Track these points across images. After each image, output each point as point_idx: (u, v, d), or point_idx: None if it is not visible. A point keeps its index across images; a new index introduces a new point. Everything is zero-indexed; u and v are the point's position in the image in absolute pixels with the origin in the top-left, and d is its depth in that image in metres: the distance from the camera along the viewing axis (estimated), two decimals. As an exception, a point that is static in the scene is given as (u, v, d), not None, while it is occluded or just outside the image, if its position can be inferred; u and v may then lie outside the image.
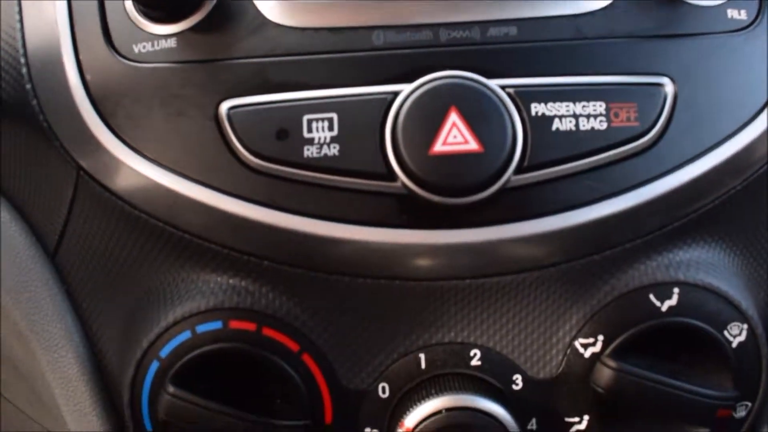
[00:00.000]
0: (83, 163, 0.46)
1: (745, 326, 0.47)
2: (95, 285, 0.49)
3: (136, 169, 0.44)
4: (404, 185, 0.42)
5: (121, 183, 0.45)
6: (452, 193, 0.42)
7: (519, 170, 0.42)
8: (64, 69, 0.46)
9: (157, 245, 0.46)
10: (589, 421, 0.47)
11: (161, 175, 0.44)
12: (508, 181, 0.42)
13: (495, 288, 0.45)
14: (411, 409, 0.45)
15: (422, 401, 0.45)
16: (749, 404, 0.48)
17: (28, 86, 0.46)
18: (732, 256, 0.48)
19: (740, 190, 0.46)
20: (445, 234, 0.43)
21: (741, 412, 0.48)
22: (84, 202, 0.47)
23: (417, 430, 0.45)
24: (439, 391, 0.45)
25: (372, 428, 0.47)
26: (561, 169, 0.43)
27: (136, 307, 0.48)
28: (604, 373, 0.46)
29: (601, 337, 0.46)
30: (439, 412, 0.44)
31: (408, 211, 0.43)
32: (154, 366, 0.46)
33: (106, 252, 0.48)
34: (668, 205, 0.44)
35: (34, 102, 0.46)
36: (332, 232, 0.43)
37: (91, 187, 0.46)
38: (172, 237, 0.45)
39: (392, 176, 0.42)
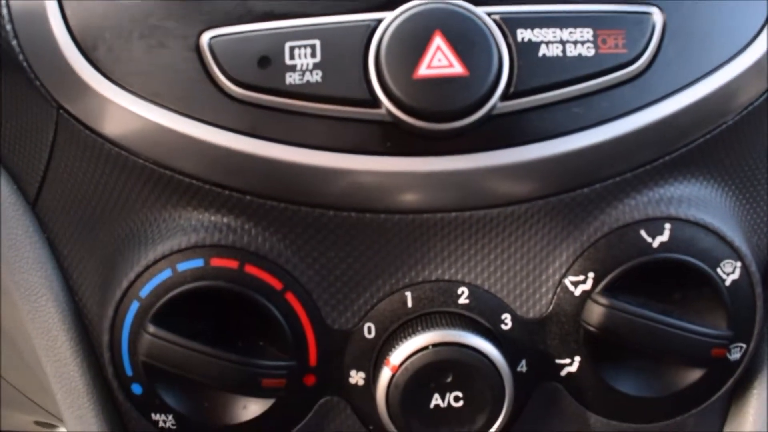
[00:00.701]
0: (63, 102, 0.45)
1: (739, 264, 0.46)
2: (75, 231, 0.48)
3: (117, 101, 0.43)
4: (388, 111, 0.41)
5: (102, 118, 0.44)
6: (437, 118, 0.41)
7: (505, 96, 0.42)
8: (45, 6, 0.45)
9: (138, 184, 0.45)
10: (580, 362, 0.46)
11: (141, 107, 0.43)
12: (494, 107, 0.41)
13: (482, 222, 0.44)
14: (397, 347, 0.44)
15: (408, 338, 0.44)
16: (744, 346, 0.47)
17: (9, 27, 0.46)
18: (725, 195, 0.47)
19: (732, 126, 0.45)
20: (430, 161, 0.42)
21: (736, 354, 0.47)
22: (64, 144, 0.46)
23: (403, 366, 0.43)
24: (426, 327, 0.44)
25: (357, 371, 0.46)
26: (548, 95, 0.42)
27: (116, 251, 0.47)
28: (595, 311, 0.44)
29: (591, 275, 0.45)
30: (425, 347, 0.43)
31: (392, 138, 0.42)
32: (134, 306, 0.45)
33: (87, 195, 0.47)
34: (658, 135, 0.43)
35: (15, 42, 0.45)
36: (314, 160, 0.42)
37: (71, 127, 0.45)
38: (153, 174, 0.44)
39: (376, 102, 0.41)
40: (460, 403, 0.44)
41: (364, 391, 0.46)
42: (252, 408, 0.46)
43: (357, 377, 0.46)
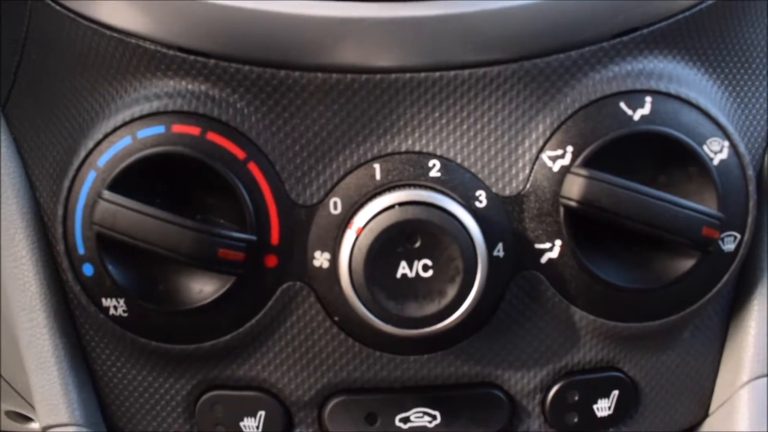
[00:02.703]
0: None
1: (726, 143, 0.43)
2: (41, 125, 0.46)
3: None
4: None
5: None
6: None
7: None
8: None
9: (106, 57, 0.44)
10: (561, 247, 0.43)
11: None
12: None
13: (453, 85, 0.42)
14: (361, 211, 0.41)
15: (374, 201, 0.41)
16: (738, 235, 0.44)
17: None
18: (712, 81, 0.45)
19: (712, 7, 0.44)
20: (396, 6, 0.40)
21: (729, 245, 0.44)
22: (36, 33, 0.46)
23: (367, 227, 0.41)
24: (393, 191, 0.41)
25: (322, 251, 0.43)
26: None
27: (80, 135, 0.45)
28: (575, 183, 0.42)
29: (570, 149, 0.43)
30: (391, 206, 0.41)
31: None
32: (91, 176, 0.43)
33: (54, 84, 0.46)
34: None
35: None
36: (279, 7, 0.41)
37: (43, 10, 0.45)
38: (120, 45, 0.43)
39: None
40: (429, 273, 0.41)
41: (329, 275, 0.43)
42: (208, 291, 0.43)
43: (321, 259, 0.43)
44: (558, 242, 0.43)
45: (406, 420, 0.45)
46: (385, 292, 0.41)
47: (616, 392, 0.46)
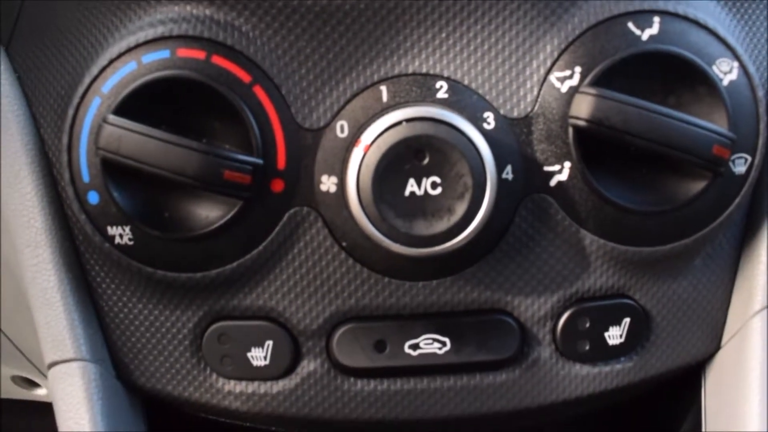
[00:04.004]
0: None
1: (736, 64, 0.43)
2: (44, 60, 0.46)
3: None
4: None
5: None
6: None
7: None
8: None
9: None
10: (570, 169, 0.43)
11: None
12: None
13: (460, 4, 0.42)
14: (368, 128, 0.41)
15: (381, 118, 0.41)
16: (749, 158, 0.43)
17: None
18: (719, 5, 0.45)
19: None
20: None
21: (740, 167, 0.43)
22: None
23: (374, 144, 0.40)
24: (400, 108, 0.41)
25: (329, 175, 0.43)
26: None
27: (84, 68, 0.45)
28: (584, 102, 0.41)
29: (578, 69, 0.42)
30: (398, 123, 0.40)
31: None
32: (96, 102, 0.43)
33: (57, 18, 0.45)
34: None
35: None
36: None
37: None
38: None
39: None
40: (438, 190, 0.41)
41: (336, 199, 0.43)
42: (214, 216, 0.42)
43: (329, 183, 0.43)
44: (567, 164, 0.43)
45: (415, 347, 0.45)
46: (394, 210, 0.41)
47: (627, 320, 0.45)
